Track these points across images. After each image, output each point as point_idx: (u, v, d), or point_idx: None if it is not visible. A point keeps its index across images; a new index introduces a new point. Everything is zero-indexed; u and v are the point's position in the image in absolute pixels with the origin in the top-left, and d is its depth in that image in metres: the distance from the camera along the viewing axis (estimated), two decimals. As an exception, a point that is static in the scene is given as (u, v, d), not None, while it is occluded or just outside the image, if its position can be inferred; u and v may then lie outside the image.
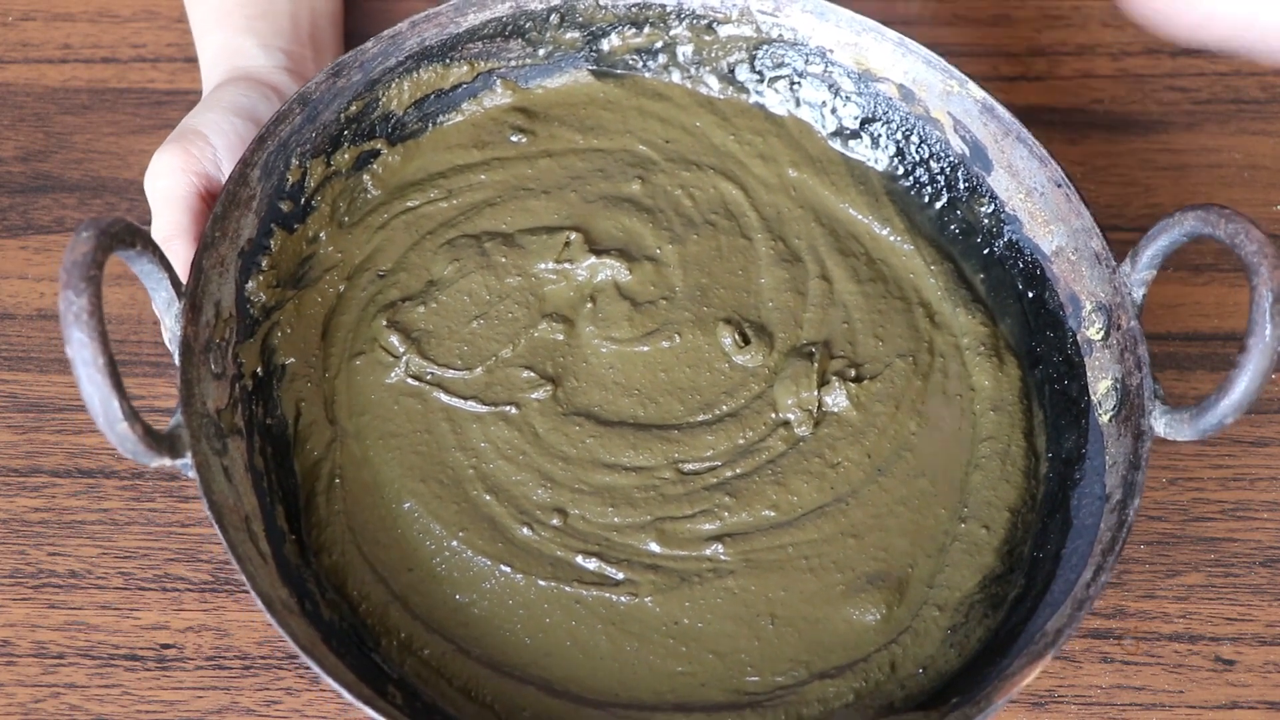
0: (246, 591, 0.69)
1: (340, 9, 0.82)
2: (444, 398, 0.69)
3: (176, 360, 0.61)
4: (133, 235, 0.57)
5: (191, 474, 0.59)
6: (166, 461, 0.57)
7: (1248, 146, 0.85)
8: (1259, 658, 0.70)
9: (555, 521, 0.66)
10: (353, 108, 0.72)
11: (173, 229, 0.67)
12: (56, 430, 0.74)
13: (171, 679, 0.68)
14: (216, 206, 0.65)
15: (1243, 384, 0.57)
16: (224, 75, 0.75)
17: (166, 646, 0.69)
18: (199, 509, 0.72)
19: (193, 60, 0.85)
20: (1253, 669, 0.70)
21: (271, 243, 0.69)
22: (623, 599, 0.64)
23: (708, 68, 0.78)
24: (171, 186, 0.67)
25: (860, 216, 0.75)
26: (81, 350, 0.53)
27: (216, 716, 0.68)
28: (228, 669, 0.69)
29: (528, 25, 0.75)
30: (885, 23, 0.73)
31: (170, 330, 0.62)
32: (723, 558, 0.65)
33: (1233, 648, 0.70)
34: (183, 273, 0.64)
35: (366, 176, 0.74)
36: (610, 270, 0.72)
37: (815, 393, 0.69)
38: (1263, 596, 0.72)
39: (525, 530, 0.66)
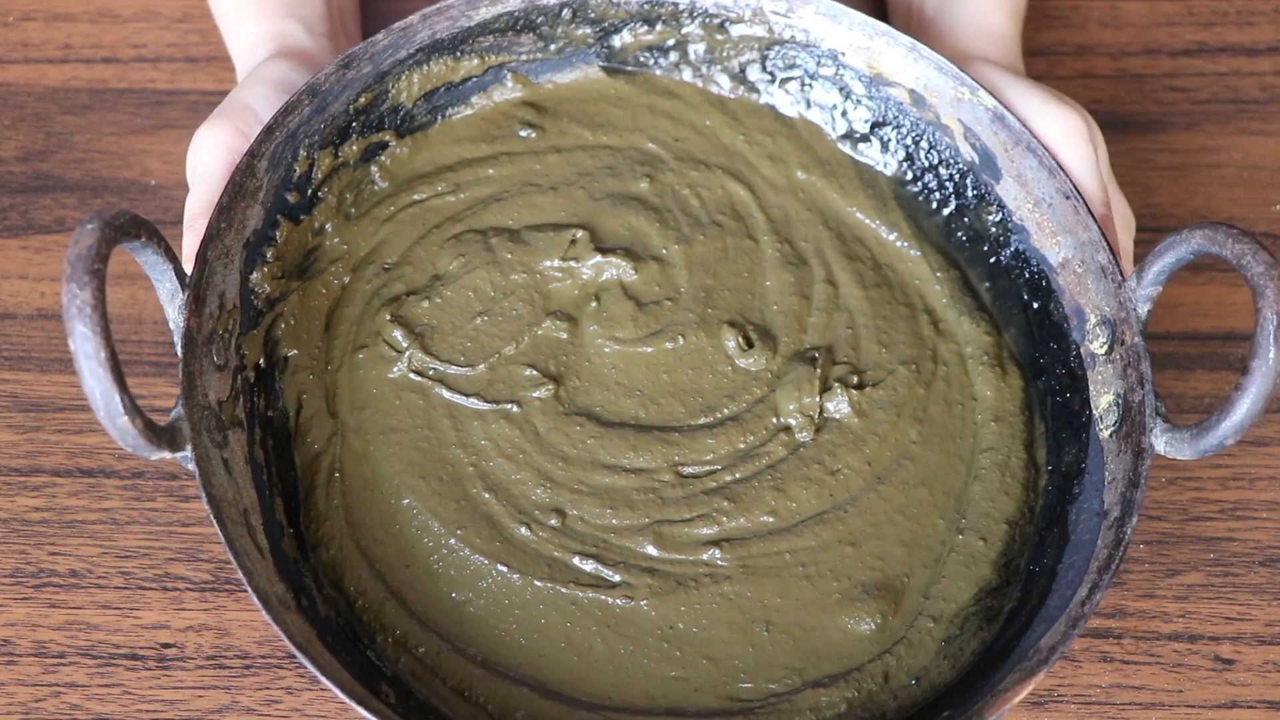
0: (246, 590, 0.70)
1: (358, 3, 0.82)
2: (446, 394, 0.69)
3: (179, 351, 0.61)
4: (137, 227, 0.57)
5: (191, 467, 0.59)
6: (166, 454, 0.57)
7: (1247, 146, 0.84)
8: (1258, 657, 0.70)
9: (553, 522, 0.66)
10: (362, 99, 0.71)
11: (206, 207, 0.65)
12: (57, 430, 0.74)
13: (172, 678, 0.68)
14: (222, 197, 0.65)
15: (1244, 406, 0.57)
16: (270, 54, 0.73)
17: (167, 646, 0.69)
18: (199, 509, 0.72)
19: (194, 60, 0.85)
20: (1252, 668, 0.70)
21: (277, 234, 0.69)
22: (618, 602, 0.64)
23: (719, 67, 0.77)
24: (213, 162, 0.66)
25: (868, 220, 0.75)
26: (84, 344, 0.53)
27: (217, 716, 0.68)
28: (228, 668, 0.69)
29: (540, 20, 0.75)
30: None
31: (173, 321, 0.62)
32: (720, 563, 0.65)
33: (1232, 647, 0.71)
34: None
35: (374, 168, 0.74)
36: (615, 269, 0.72)
37: (817, 398, 0.69)
38: (1262, 596, 0.72)
39: (523, 530, 0.66)
